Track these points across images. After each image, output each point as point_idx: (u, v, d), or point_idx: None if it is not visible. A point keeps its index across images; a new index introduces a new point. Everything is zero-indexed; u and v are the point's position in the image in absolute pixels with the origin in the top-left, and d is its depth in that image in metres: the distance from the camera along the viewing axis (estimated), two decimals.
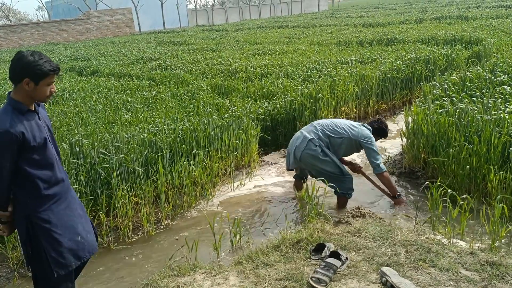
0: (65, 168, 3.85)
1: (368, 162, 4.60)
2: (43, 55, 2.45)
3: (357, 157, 5.64)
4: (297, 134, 4.57)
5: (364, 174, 4.75)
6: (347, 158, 4.82)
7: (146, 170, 4.49)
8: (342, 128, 4.40)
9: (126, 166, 4.33)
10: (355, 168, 4.74)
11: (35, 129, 2.45)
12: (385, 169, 4.39)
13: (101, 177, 4.21)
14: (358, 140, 4.34)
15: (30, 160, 2.43)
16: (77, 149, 4.24)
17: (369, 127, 4.53)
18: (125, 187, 4.15)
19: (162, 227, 4.34)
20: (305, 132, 4.46)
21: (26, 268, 2.71)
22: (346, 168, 4.58)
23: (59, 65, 2.55)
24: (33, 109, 2.49)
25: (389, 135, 6.75)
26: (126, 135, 4.82)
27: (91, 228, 2.76)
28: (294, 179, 4.94)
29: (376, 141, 4.51)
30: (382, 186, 4.53)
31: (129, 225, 4.16)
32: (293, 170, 4.77)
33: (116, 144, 4.52)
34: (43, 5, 50.24)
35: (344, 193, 4.40)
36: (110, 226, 4.12)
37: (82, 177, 3.98)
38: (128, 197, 4.16)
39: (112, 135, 4.85)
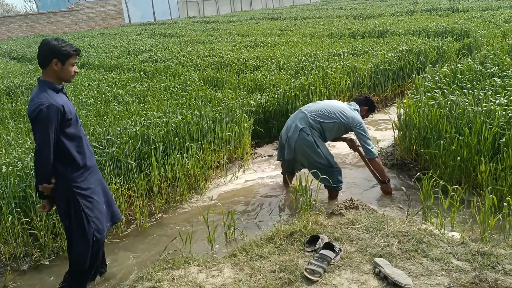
0: None
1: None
2: (64, 40, 2.83)
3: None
4: (288, 122, 4.53)
5: (360, 153, 4.76)
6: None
7: (139, 163, 4.47)
8: (333, 113, 4.37)
9: (118, 160, 4.31)
10: (354, 145, 4.74)
11: (69, 104, 2.86)
12: (377, 154, 4.42)
13: None
14: (349, 125, 4.37)
15: (66, 133, 2.78)
16: None
17: (357, 107, 4.56)
18: (118, 181, 4.14)
19: (155, 220, 4.34)
20: (297, 121, 4.41)
21: (67, 237, 3.02)
22: (337, 160, 4.60)
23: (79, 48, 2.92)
24: (62, 89, 2.88)
25: (381, 126, 6.80)
26: (118, 128, 4.80)
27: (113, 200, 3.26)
28: (281, 175, 4.95)
29: (367, 116, 4.68)
30: (374, 172, 4.57)
31: (122, 218, 4.14)
32: (286, 160, 4.67)
33: (109, 137, 4.50)
34: None
35: (334, 186, 4.41)
36: None
37: None
38: (121, 190, 4.15)
39: (104, 128, 4.82)
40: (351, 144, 4.76)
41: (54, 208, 3.20)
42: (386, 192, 4.50)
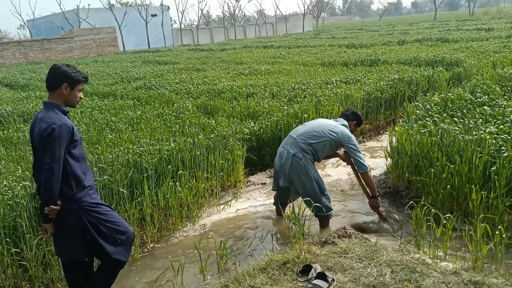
0: None
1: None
2: (74, 67, 3.01)
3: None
4: (280, 149, 4.53)
5: (353, 167, 4.73)
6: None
7: (131, 192, 4.45)
8: (322, 132, 4.39)
9: (110, 188, 4.28)
10: (348, 158, 4.69)
11: (74, 126, 2.96)
12: (369, 168, 4.44)
13: None
14: (339, 141, 4.40)
15: (72, 154, 2.89)
16: None
17: (345, 123, 4.60)
18: None
19: (147, 250, 4.28)
20: (288, 146, 4.42)
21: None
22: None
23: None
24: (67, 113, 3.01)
25: (374, 154, 6.84)
26: (111, 156, 4.79)
27: None
28: (274, 206, 4.92)
29: (355, 130, 4.69)
30: (364, 184, 4.61)
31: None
32: (281, 188, 4.62)
33: (100, 165, 4.48)
34: (25, 23, 50.12)
35: (325, 215, 4.39)
36: None
37: None
38: None
39: (96, 156, 4.81)
40: (345, 157, 4.74)
41: (44, 238, 3.22)
42: (374, 207, 4.53)
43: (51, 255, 3.69)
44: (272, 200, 4.92)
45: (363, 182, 4.54)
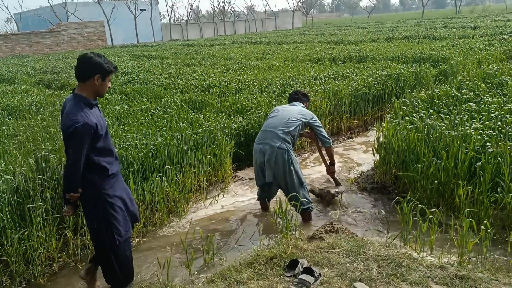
0: (30, 185, 3.77)
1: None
2: (105, 57, 3.02)
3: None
4: (259, 146, 4.46)
5: (316, 142, 5.13)
6: None
7: None
8: (294, 117, 4.56)
9: None
10: (312, 135, 4.97)
11: (101, 119, 3.02)
12: (331, 142, 4.91)
13: None
14: (307, 122, 4.66)
15: (95, 148, 2.95)
16: (43, 164, 4.10)
17: (303, 104, 4.93)
18: None
19: (132, 245, 4.23)
20: (269, 141, 4.39)
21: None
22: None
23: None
24: (96, 104, 3.04)
25: (361, 150, 6.86)
26: None
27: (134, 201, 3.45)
28: (258, 201, 4.91)
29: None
30: (324, 156, 5.11)
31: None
32: (266, 183, 4.59)
33: None
34: (11, 16, 49.45)
35: (305, 208, 4.40)
36: (78, 245, 3.99)
37: (48, 194, 3.85)
38: None
39: None
40: (311, 134, 4.98)
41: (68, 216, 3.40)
42: (332, 172, 5.08)
43: (32, 250, 3.63)
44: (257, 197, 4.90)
45: (327, 153, 4.95)
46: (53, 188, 4.00)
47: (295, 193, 4.26)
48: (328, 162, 5.06)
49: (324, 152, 5.07)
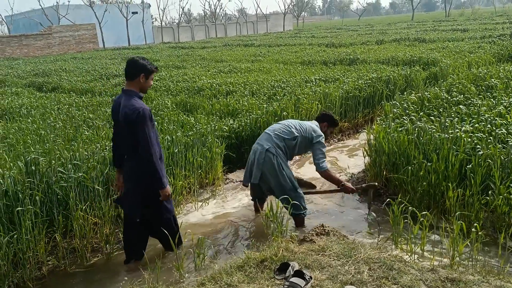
0: (19, 188, 3.73)
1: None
2: (148, 59, 3.61)
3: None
4: (254, 146, 4.51)
5: (308, 192, 4.79)
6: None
7: (107, 189, 4.35)
8: (294, 128, 4.44)
9: (85, 185, 4.18)
10: (347, 189, 4.57)
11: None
12: (327, 167, 4.44)
13: (58, 196, 4.04)
14: (309, 136, 4.41)
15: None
16: (33, 167, 4.06)
17: (317, 123, 4.64)
18: (83, 207, 4.00)
19: (122, 248, 4.19)
20: (262, 142, 4.41)
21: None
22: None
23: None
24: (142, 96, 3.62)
25: (352, 152, 6.87)
26: (86, 153, 4.68)
27: None
28: (252, 201, 4.89)
29: (330, 133, 4.81)
30: (328, 188, 4.73)
31: (87, 247, 4.00)
32: (252, 185, 4.58)
33: (75, 162, 4.37)
34: (3, 19, 49.06)
35: (298, 213, 4.36)
36: (67, 248, 3.94)
37: (37, 197, 3.79)
38: (87, 217, 4.01)
39: (71, 152, 4.69)
40: (310, 186, 4.84)
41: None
42: (348, 192, 4.58)
43: (21, 253, 3.59)
44: (250, 197, 4.89)
45: (326, 178, 4.55)
46: (43, 191, 3.96)
47: (286, 196, 4.22)
48: (336, 189, 4.60)
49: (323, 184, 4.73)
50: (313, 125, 4.58)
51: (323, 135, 4.53)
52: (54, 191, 4.01)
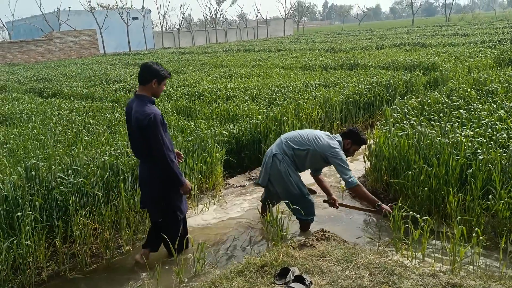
0: (19, 193, 3.73)
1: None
2: (161, 65, 3.66)
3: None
4: (268, 149, 4.54)
5: (343, 205, 4.67)
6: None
7: (107, 194, 4.34)
8: (307, 139, 4.24)
9: (85, 190, 4.18)
10: (334, 203, 4.56)
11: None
12: (357, 182, 4.16)
13: (58, 202, 4.04)
14: (323, 153, 4.19)
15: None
16: (33, 173, 4.06)
17: (340, 139, 4.34)
18: (83, 212, 4.00)
19: (122, 253, 4.19)
20: (273, 146, 4.43)
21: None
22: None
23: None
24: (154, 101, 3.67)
25: (352, 157, 6.85)
26: (86, 158, 4.68)
27: None
28: (260, 203, 4.87)
29: (354, 151, 4.42)
30: (361, 205, 4.52)
31: (87, 252, 3.99)
32: (262, 186, 4.58)
33: (75, 167, 4.37)
34: (3, 25, 49.16)
35: (304, 219, 4.34)
36: (67, 254, 3.93)
37: (37, 203, 3.79)
38: (87, 222, 4.00)
39: (71, 158, 4.69)
40: (331, 202, 4.57)
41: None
42: (385, 215, 4.12)
43: (21, 258, 3.58)
44: (251, 203, 4.88)
45: (358, 196, 4.37)
46: (43, 197, 3.95)
47: (296, 206, 4.16)
48: (370, 208, 4.32)
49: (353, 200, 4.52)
50: (333, 140, 4.28)
51: (337, 147, 4.22)
52: (54, 197, 4.01)
